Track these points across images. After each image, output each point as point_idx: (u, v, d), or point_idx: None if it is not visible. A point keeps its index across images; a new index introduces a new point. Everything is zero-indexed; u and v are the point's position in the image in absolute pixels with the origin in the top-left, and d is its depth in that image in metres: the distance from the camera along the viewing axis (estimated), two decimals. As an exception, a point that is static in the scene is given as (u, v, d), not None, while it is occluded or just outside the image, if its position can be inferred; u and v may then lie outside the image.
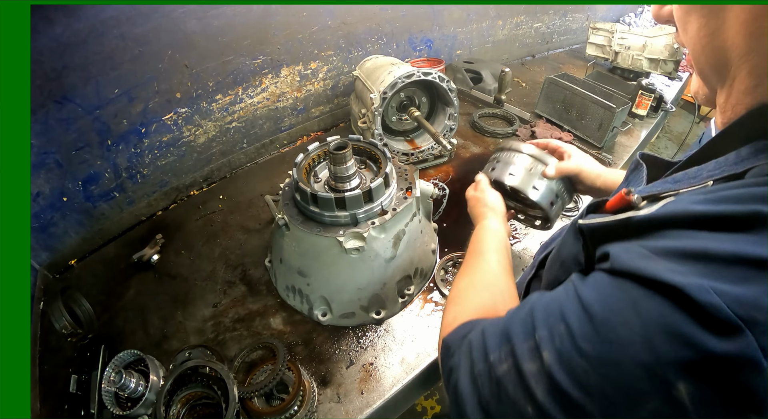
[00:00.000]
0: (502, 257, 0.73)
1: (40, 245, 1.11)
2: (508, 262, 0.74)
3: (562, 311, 0.39)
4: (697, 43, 0.41)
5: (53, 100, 1.02)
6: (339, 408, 0.82)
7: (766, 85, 0.37)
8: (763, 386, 0.29)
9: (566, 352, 0.36)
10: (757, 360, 0.28)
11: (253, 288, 1.06)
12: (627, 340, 0.33)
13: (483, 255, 0.74)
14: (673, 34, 1.87)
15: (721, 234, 0.34)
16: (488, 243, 0.76)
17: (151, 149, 1.28)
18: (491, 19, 2.16)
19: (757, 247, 0.31)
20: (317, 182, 0.94)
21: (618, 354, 0.33)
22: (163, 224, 1.30)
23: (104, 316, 1.02)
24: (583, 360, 0.35)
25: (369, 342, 0.94)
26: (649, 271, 0.34)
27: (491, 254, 0.73)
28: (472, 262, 0.73)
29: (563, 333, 0.38)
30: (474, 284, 0.68)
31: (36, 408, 0.85)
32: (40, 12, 0.91)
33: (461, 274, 0.72)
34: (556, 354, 0.37)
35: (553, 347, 0.38)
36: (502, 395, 0.41)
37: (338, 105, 1.75)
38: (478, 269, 0.71)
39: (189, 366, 0.74)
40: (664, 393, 0.31)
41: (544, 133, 1.57)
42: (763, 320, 0.29)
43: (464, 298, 0.65)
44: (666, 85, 2.14)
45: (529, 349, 0.40)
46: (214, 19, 1.24)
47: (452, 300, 0.65)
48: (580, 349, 0.35)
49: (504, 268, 0.71)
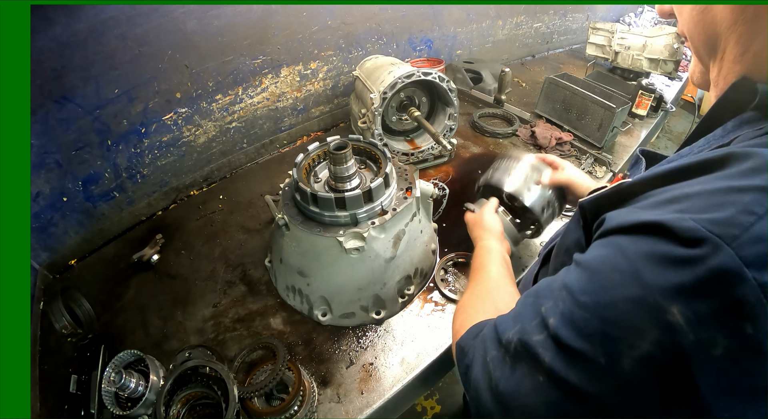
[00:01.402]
0: (501, 267, 0.77)
1: (40, 245, 1.11)
2: (508, 272, 0.78)
3: (564, 281, 0.41)
4: (690, 22, 0.46)
5: (53, 100, 1.02)
6: (339, 408, 0.82)
7: (752, 51, 0.40)
8: (751, 295, 0.30)
9: (568, 311, 0.38)
10: (738, 270, 0.30)
11: (253, 288, 1.06)
12: (618, 281, 0.35)
13: (483, 268, 0.78)
14: (673, 35, 1.87)
15: (699, 178, 0.37)
16: (487, 259, 0.80)
17: (151, 149, 1.28)
18: (491, 19, 2.16)
19: (729, 179, 0.34)
20: (317, 182, 0.94)
21: (612, 296, 0.35)
22: (163, 224, 1.30)
23: (104, 316, 1.02)
24: (583, 310, 0.37)
25: (369, 342, 0.94)
26: (632, 219, 0.37)
27: (491, 266, 0.77)
28: (475, 277, 0.77)
29: (565, 297, 0.40)
30: (477, 293, 0.71)
31: (36, 408, 0.85)
32: (40, 12, 0.91)
33: (466, 291, 0.75)
34: (559, 317, 0.39)
35: (557, 311, 0.40)
36: (515, 373, 0.42)
37: (338, 105, 1.75)
38: (480, 280, 0.75)
39: (189, 366, 0.74)
40: (660, 322, 0.32)
41: (544, 133, 1.57)
42: (739, 234, 0.31)
43: (470, 306, 0.67)
44: (666, 85, 2.14)
45: (536, 325, 0.41)
46: (214, 19, 1.24)
47: (459, 310, 0.67)
48: (579, 302, 0.38)
49: (503, 276, 0.75)
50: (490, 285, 0.72)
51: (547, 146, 1.55)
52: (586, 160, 1.50)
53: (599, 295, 0.36)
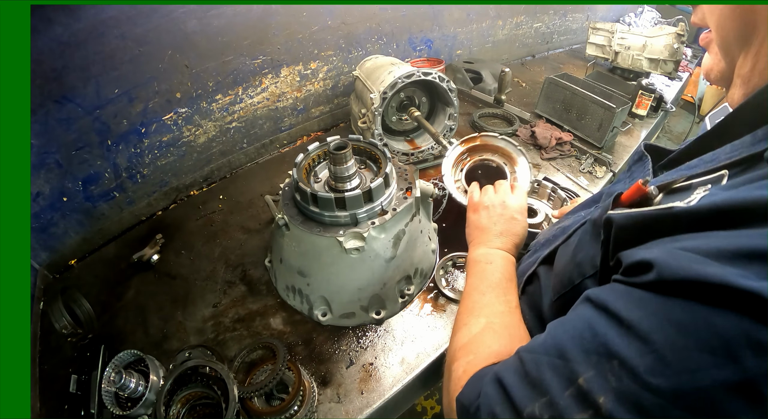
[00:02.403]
0: (513, 296, 0.65)
1: (40, 245, 1.11)
2: (516, 299, 0.66)
3: (605, 344, 0.34)
4: (724, 8, 0.40)
5: (53, 100, 1.02)
6: (339, 408, 0.82)
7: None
8: None
9: (630, 392, 0.31)
10: None
11: (253, 288, 1.06)
12: (709, 363, 0.28)
13: (494, 291, 0.66)
14: (673, 35, 1.87)
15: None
16: (498, 282, 0.68)
17: (151, 149, 1.28)
18: (491, 19, 2.16)
19: None
20: (317, 182, 0.94)
21: (701, 381, 0.29)
22: (163, 224, 1.30)
23: (104, 316, 1.02)
24: (657, 396, 0.30)
25: (369, 342, 0.94)
26: (717, 278, 0.29)
27: (503, 292, 0.66)
28: (481, 301, 0.65)
29: (618, 371, 0.32)
30: (486, 327, 0.59)
31: (36, 408, 0.85)
32: (40, 12, 0.91)
33: (468, 314, 0.63)
34: (615, 397, 0.32)
35: (609, 388, 0.32)
36: None
37: (338, 105, 1.75)
38: (491, 311, 0.62)
39: (189, 366, 0.74)
40: (756, 407, 0.28)
41: (544, 133, 1.57)
42: None
43: (478, 344, 0.56)
44: (666, 85, 2.14)
45: (573, 398, 0.34)
46: (214, 19, 1.24)
47: (463, 348, 0.57)
48: (650, 385, 0.30)
49: (515, 308, 0.63)
50: (506, 320, 0.60)
51: (547, 146, 1.55)
52: (586, 160, 1.50)
53: (681, 380, 0.29)
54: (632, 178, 0.57)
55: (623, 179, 0.60)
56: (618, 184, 0.61)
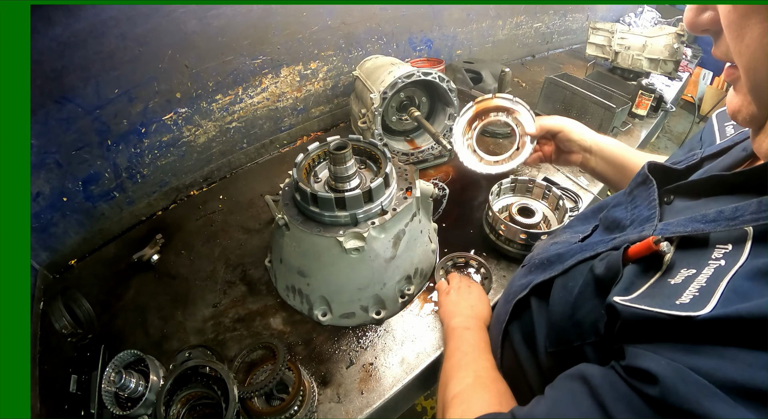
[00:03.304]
0: (491, 356, 0.69)
1: (40, 245, 1.11)
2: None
3: None
4: (758, 50, 0.34)
5: (53, 100, 1.02)
6: (339, 408, 0.82)
7: None
8: None
9: None
10: None
11: (253, 288, 1.06)
12: None
13: (476, 350, 0.69)
14: (673, 35, 1.86)
15: None
16: (477, 344, 0.71)
17: (151, 149, 1.28)
18: (491, 19, 2.16)
19: None
20: (317, 182, 0.94)
21: None
22: (163, 224, 1.30)
23: (104, 316, 1.02)
24: None
25: (369, 342, 0.94)
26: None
27: (485, 351, 0.69)
28: (466, 359, 0.68)
29: None
30: (476, 380, 0.62)
31: (36, 408, 0.85)
32: (40, 12, 0.91)
33: (456, 370, 0.66)
34: None
35: None
36: None
37: (338, 105, 1.75)
38: (477, 367, 0.65)
39: (189, 366, 0.74)
40: None
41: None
42: None
43: (471, 394, 0.59)
44: (666, 85, 2.14)
45: None
46: (214, 19, 1.24)
47: (456, 397, 0.60)
48: None
49: (495, 366, 0.67)
50: (491, 375, 0.63)
51: (547, 146, 1.55)
52: (586, 160, 1.50)
53: None
54: (634, 203, 0.54)
55: (624, 203, 0.56)
56: (618, 209, 0.57)
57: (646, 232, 0.45)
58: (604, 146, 0.91)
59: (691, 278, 0.36)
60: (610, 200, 0.64)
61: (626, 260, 0.44)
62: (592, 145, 0.91)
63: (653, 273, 0.41)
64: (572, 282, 0.51)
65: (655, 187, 0.51)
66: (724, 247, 0.36)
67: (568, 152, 0.95)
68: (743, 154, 0.48)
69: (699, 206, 0.45)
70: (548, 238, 0.77)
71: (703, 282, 0.34)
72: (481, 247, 1.14)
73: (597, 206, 0.68)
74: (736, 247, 0.35)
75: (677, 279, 0.37)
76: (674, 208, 0.49)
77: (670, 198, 0.50)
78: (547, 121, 0.91)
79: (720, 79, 3.86)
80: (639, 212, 0.51)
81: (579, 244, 0.58)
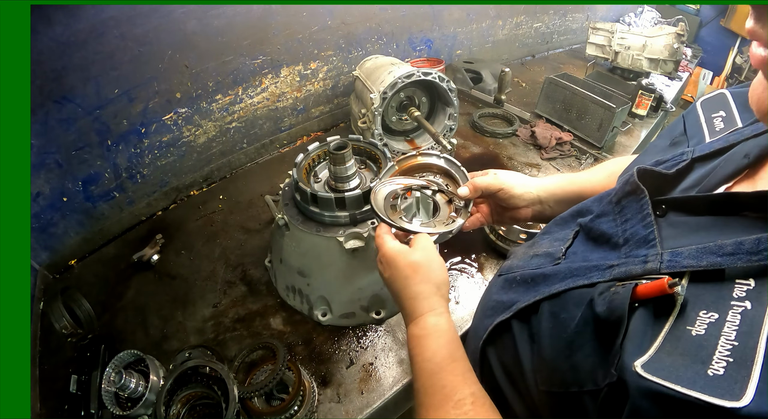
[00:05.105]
0: (469, 371, 0.54)
1: (40, 245, 1.11)
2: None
3: None
4: None
5: (53, 100, 1.02)
6: (339, 408, 0.82)
7: None
8: None
9: None
10: None
11: (253, 288, 1.06)
12: None
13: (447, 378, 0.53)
14: (673, 35, 1.87)
15: None
16: (448, 355, 0.56)
17: (151, 149, 1.28)
18: (491, 19, 2.16)
19: None
20: (317, 182, 0.94)
21: None
22: (163, 224, 1.30)
23: (104, 316, 1.02)
24: None
25: (369, 342, 0.94)
26: None
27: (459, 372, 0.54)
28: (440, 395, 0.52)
29: None
30: None
31: (36, 408, 0.85)
32: (40, 12, 0.91)
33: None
34: None
35: None
36: None
37: (338, 105, 1.75)
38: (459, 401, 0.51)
39: (189, 366, 0.74)
40: None
41: (544, 133, 1.57)
42: None
43: None
44: (666, 85, 2.14)
45: None
46: (214, 19, 1.24)
47: None
48: None
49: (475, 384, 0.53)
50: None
51: (546, 146, 1.55)
52: (586, 160, 1.50)
53: None
54: (624, 215, 0.48)
55: (610, 213, 0.50)
56: (605, 220, 0.50)
57: (651, 264, 0.39)
58: (553, 189, 0.78)
59: (715, 327, 0.31)
60: (590, 205, 0.57)
61: (632, 300, 0.38)
62: (539, 193, 0.77)
63: (665, 318, 0.35)
64: (565, 313, 0.45)
65: (648, 199, 0.45)
66: (746, 283, 0.32)
67: (513, 208, 0.79)
68: (745, 161, 0.43)
69: (700, 225, 0.41)
70: (526, 246, 0.66)
71: (732, 337, 0.30)
72: (481, 247, 1.14)
73: (575, 209, 0.61)
74: (759, 284, 0.31)
75: (698, 328, 0.32)
76: (670, 222, 0.44)
77: (663, 209, 0.45)
78: (482, 180, 0.75)
79: (720, 79, 3.86)
80: (633, 229, 0.45)
81: (567, 266, 0.50)
